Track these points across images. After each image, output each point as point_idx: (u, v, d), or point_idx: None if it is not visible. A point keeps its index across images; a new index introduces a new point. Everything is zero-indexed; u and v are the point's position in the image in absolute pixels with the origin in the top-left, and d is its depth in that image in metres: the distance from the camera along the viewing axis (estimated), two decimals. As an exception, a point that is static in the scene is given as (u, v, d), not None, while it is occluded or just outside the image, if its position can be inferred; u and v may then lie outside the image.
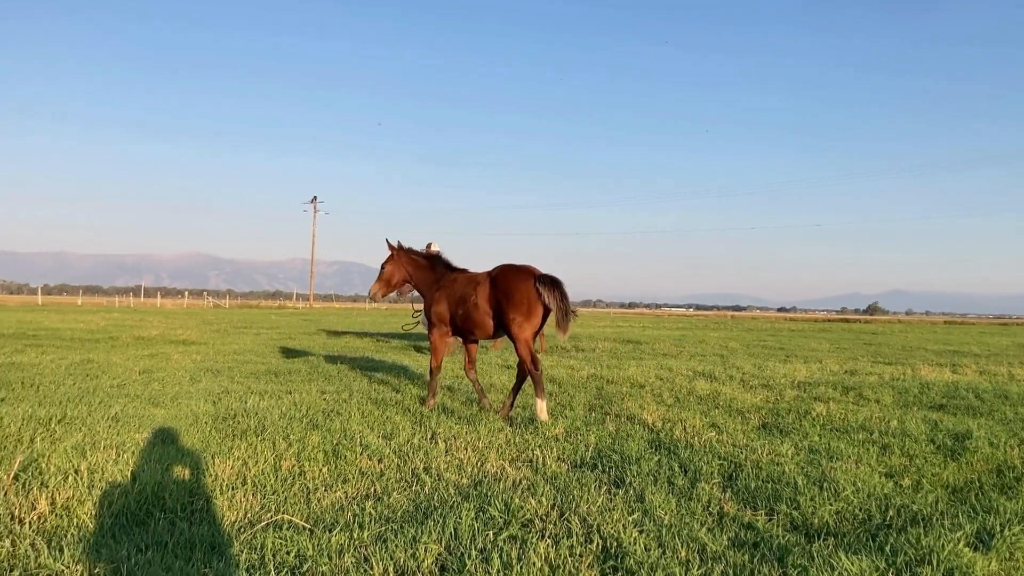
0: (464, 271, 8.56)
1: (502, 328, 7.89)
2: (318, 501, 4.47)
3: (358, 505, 4.38)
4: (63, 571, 3.31)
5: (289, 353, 14.93)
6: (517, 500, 4.40)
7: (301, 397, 8.41)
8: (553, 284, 7.58)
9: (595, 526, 4.05)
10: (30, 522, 3.92)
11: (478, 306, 7.92)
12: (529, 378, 7.69)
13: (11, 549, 3.54)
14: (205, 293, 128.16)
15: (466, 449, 5.88)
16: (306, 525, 3.99)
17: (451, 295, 8.27)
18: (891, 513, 4.43)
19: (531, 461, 5.59)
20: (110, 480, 4.65)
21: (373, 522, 4.05)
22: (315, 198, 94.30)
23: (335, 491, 4.67)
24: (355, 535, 3.82)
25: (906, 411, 8.35)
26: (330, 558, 3.53)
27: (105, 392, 8.51)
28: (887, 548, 3.78)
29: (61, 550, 3.53)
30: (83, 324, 25.08)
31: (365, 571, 3.40)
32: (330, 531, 3.86)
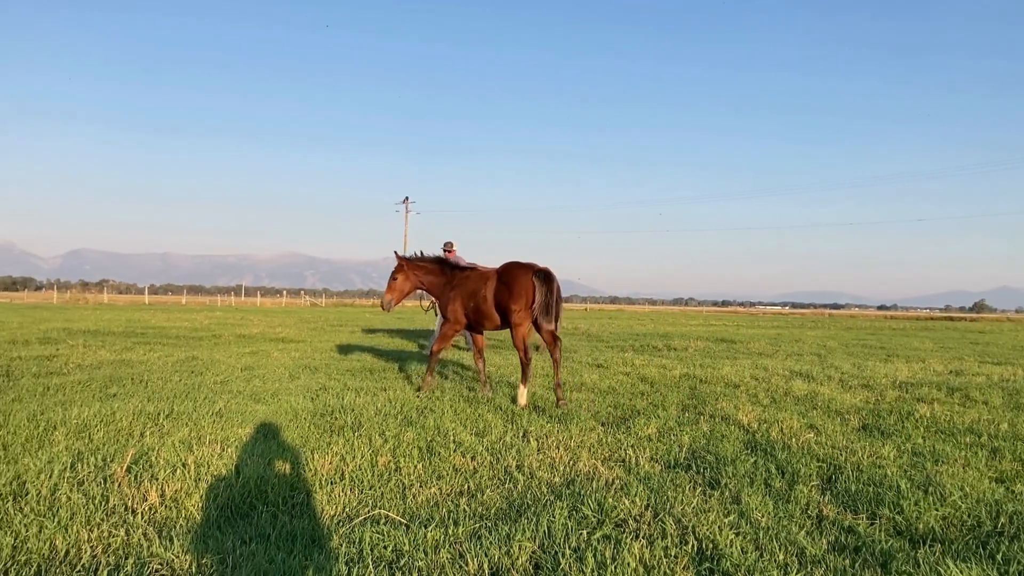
0: (474, 267, 9.26)
1: (503, 319, 8.62)
2: (413, 497, 4.54)
3: (452, 501, 4.43)
4: (173, 560, 3.45)
5: (383, 351, 15.20)
6: (610, 500, 4.38)
7: (395, 394, 8.55)
8: (546, 278, 8.31)
9: (690, 527, 4.00)
10: (142, 513, 4.10)
11: (487, 300, 8.64)
12: (520, 363, 8.55)
13: (125, 538, 3.71)
14: (302, 292, 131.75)
15: (558, 448, 5.88)
16: (402, 520, 4.06)
17: (464, 292, 8.96)
18: (1003, 520, 4.24)
19: (623, 461, 5.56)
20: (215, 473, 4.82)
21: (467, 519, 4.09)
22: (407, 198, 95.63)
23: (430, 487, 4.74)
24: (450, 531, 3.87)
25: (1018, 413, 7.99)
26: (426, 553, 3.58)
27: (209, 388, 8.83)
28: (998, 556, 3.63)
29: (171, 540, 3.68)
30: (187, 322, 26.07)
31: (460, 567, 3.44)
32: (426, 527, 3.92)
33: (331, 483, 4.74)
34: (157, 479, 4.64)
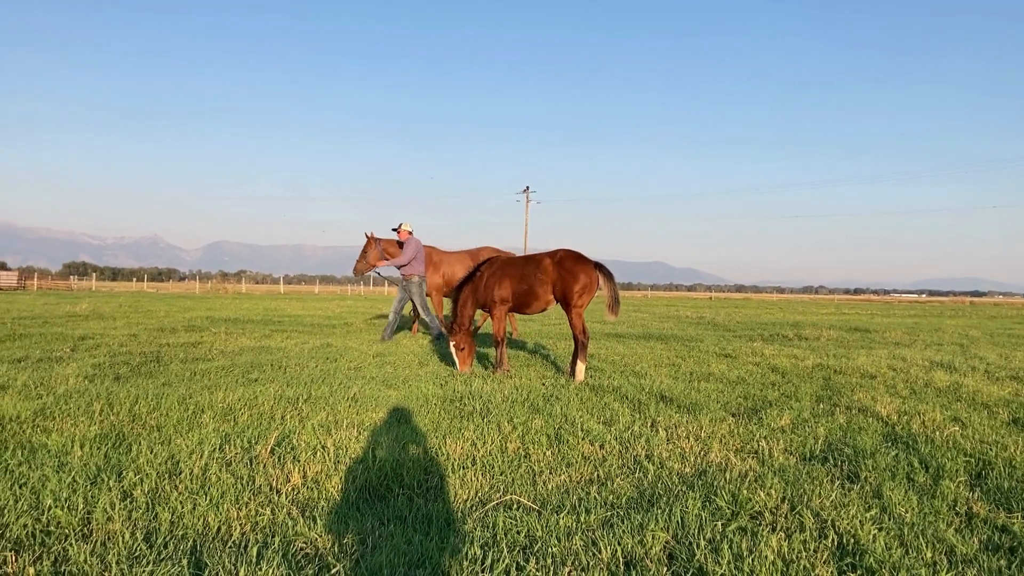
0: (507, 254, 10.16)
1: (563, 300, 9.30)
2: (543, 484, 4.56)
3: (583, 489, 4.43)
4: (316, 539, 3.59)
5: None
6: (745, 491, 4.29)
7: (521, 381, 8.63)
8: (607, 273, 9.27)
9: (829, 521, 3.87)
10: (286, 493, 4.27)
11: (544, 284, 9.35)
12: (577, 344, 9.17)
13: (271, 517, 3.88)
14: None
15: (688, 438, 5.79)
16: (534, 506, 4.09)
17: (511, 276, 9.63)
18: None
19: (756, 452, 5.43)
20: (353, 456, 4.99)
21: (599, 507, 4.09)
22: (527, 188, 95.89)
23: (559, 475, 4.75)
24: (582, 519, 3.88)
25: None
26: (559, 540, 3.59)
27: (344, 374, 9.13)
28: None
29: (314, 520, 3.83)
30: (320, 311, 27.04)
31: (593, 554, 3.44)
32: (557, 513, 3.94)
33: (463, 468, 4.82)
34: (299, 461, 4.84)
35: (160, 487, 4.28)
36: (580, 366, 9.06)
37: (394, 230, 14.61)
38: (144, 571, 3.14)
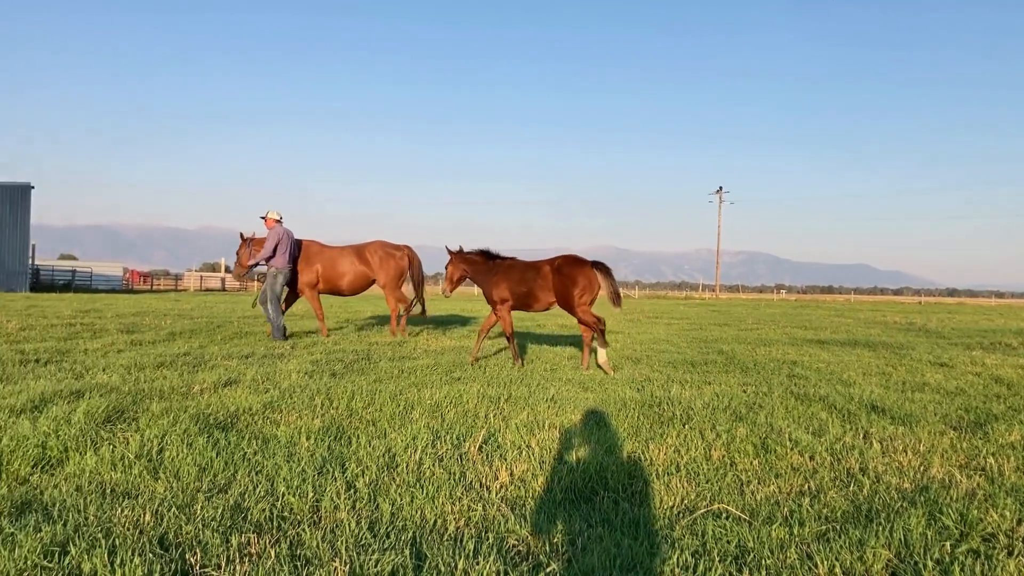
0: (513, 259, 10.97)
1: (564, 303, 10.12)
2: (752, 494, 4.45)
3: (794, 501, 4.29)
4: (527, 537, 3.68)
5: (702, 343, 15.07)
6: (974, 511, 4.01)
7: (721, 388, 8.44)
8: (606, 270, 10.08)
9: (1075, 549, 3.56)
10: (495, 490, 4.41)
11: (543, 288, 10.23)
12: (595, 333, 10.00)
13: (483, 513, 4.01)
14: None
15: (905, 452, 5.48)
16: (744, 516, 4.00)
17: (510, 279, 10.53)
18: None
19: (984, 469, 5.05)
20: (556, 457, 5.07)
21: (812, 519, 3.94)
22: (720, 188, 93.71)
23: (768, 485, 4.62)
24: (795, 531, 3.76)
25: None
26: (772, 552, 3.50)
27: (541, 375, 9.28)
28: None
29: (524, 518, 3.92)
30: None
31: (809, 568, 3.33)
32: (768, 524, 3.84)
33: (668, 474, 4.78)
34: (505, 459, 4.99)
35: (380, 479, 4.54)
36: (599, 351, 9.91)
37: (262, 218, 14.01)
38: (371, 559, 3.33)
